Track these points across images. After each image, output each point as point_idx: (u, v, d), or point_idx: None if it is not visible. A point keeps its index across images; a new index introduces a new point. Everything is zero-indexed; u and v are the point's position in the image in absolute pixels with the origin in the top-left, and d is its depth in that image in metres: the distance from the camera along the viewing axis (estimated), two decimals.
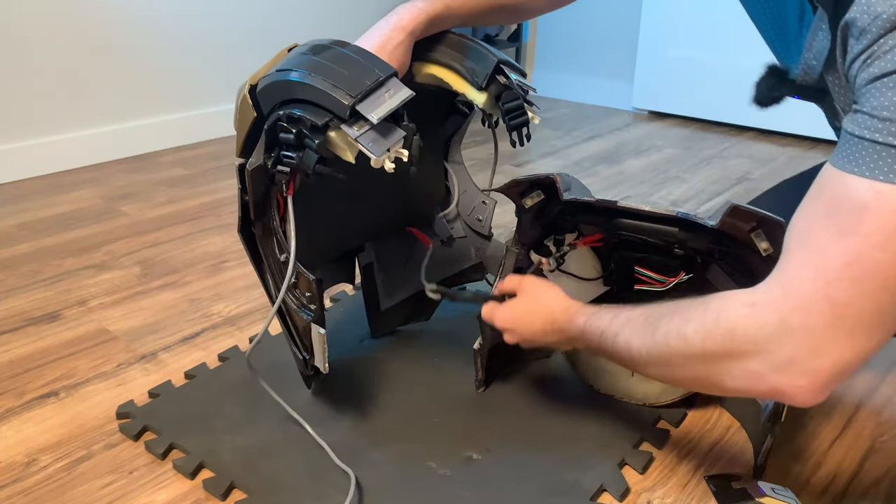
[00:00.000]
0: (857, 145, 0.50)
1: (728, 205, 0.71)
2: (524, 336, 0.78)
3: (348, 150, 0.66)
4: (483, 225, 1.06)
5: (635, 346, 0.64)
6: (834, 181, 0.51)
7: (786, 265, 0.53)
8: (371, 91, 0.65)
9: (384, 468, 0.78)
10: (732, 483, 0.75)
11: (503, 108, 0.80)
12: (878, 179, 0.48)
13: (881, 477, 0.79)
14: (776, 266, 0.55)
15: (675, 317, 0.60)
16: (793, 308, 0.51)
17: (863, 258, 0.48)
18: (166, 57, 2.01)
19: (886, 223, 0.48)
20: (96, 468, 0.79)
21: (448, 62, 0.81)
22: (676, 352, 0.60)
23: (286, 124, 0.67)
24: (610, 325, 0.68)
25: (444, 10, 0.79)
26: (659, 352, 0.61)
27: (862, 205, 0.48)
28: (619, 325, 0.67)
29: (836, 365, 0.51)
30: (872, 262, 0.48)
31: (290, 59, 0.70)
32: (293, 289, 0.78)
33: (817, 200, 0.53)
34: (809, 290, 0.51)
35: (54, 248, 1.38)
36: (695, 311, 0.59)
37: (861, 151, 0.49)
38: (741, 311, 0.54)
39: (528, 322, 0.77)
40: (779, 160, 2.01)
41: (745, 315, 0.54)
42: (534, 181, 0.83)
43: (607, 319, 0.68)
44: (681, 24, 2.37)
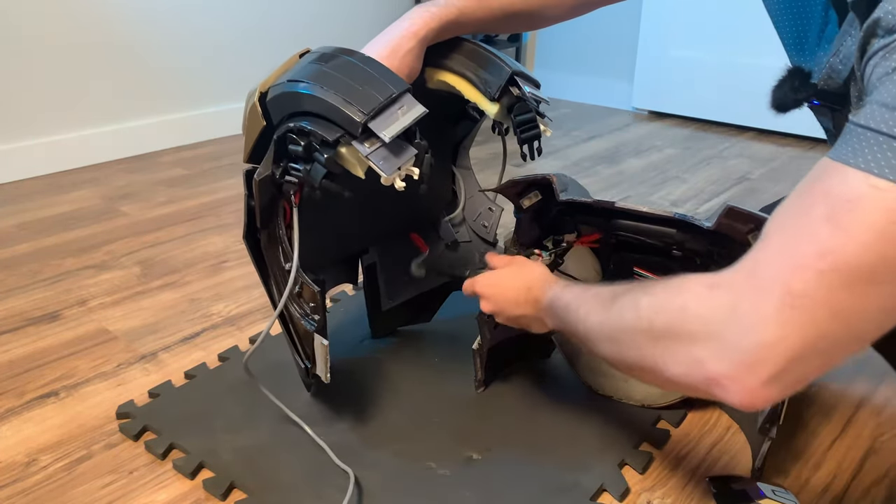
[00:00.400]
0: (861, 136, 0.46)
1: (724, 206, 0.71)
2: (499, 304, 0.78)
3: (358, 165, 0.65)
4: (488, 231, 1.06)
5: (593, 319, 0.61)
6: (829, 171, 0.47)
7: (758, 249, 0.49)
8: (384, 108, 0.64)
9: (384, 468, 0.78)
10: (732, 484, 0.75)
11: (515, 121, 0.79)
12: (876, 174, 0.44)
13: (881, 477, 0.79)
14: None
15: (635, 291, 0.58)
16: (748, 290, 0.47)
17: (838, 252, 0.44)
18: (166, 56, 2.01)
19: (876, 222, 0.43)
20: (96, 468, 0.79)
21: (461, 70, 0.81)
22: (627, 325, 0.57)
23: (296, 136, 0.66)
24: (576, 297, 0.66)
25: (458, 16, 0.78)
26: (611, 325, 0.59)
27: (854, 197, 0.44)
28: (584, 298, 0.64)
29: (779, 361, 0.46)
30: (848, 259, 0.44)
31: (302, 69, 0.68)
32: (297, 297, 0.78)
33: (807, 188, 0.49)
34: (770, 275, 0.46)
35: (54, 248, 1.38)
36: (657, 286, 0.56)
37: (863, 142, 0.46)
38: (699, 290, 0.51)
39: (505, 289, 0.77)
40: (779, 160, 2.01)
41: (702, 294, 0.50)
42: (531, 181, 0.83)
43: (576, 292, 0.67)
44: (681, 24, 2.37)
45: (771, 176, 1.87)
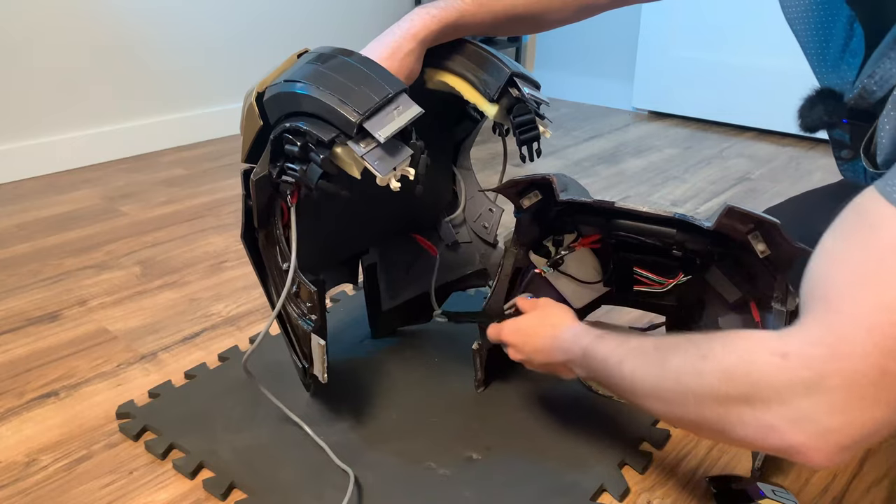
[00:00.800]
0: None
1: (724, 206, 0.71)
2: (527, 353, 0.77)
3: (354, 165, 0.65)
4: (489, 232, 1.06)
5: (640, 376, 0.60)
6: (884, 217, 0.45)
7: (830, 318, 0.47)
8: (379, 108, 0.64)
9: (384, 468, 0.78)
10: (732, 484, 0.75)
11: (514, 122, 0.79)
12: None
13: (881, 477, 0.79)
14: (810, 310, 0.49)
15: (690, 351, 0.55)
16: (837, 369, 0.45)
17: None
18: (166, 56, 2.01)
19: None
20: (96, 468, 0.79)
21: (461, 71, 0.81)
22: (687, 388, 0.54)
23: (292, 136, 0.66)
24: (615, 350, 0.64)
25: (458, 18, 0.77)
26: (667, 386, 0.57)
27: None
28: (624, 351, 0.63)
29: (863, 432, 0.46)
30: None
31: (299, 69, 0.68)
32: (294, 297, 0.77)
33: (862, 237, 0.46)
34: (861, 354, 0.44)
35: (54, 248, 1.38)
36: (713, 347, 0.53)
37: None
38: (769, 360, 0.49)
39: (533, 337, 0.77)
40: (779, 160, 2.01)
41: (775, 365, 0.48)
42: (531, 181, 0.83)
43: (613, 345, 0.65)
44: (681, 24, 2.37)
45: (771, 176, 1.87)
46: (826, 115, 0.78)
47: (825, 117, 0.78)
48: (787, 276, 0.74)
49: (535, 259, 0.91)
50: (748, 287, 0.79)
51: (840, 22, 0.79)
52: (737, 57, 2.28)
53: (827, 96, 0.79)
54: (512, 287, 0.91)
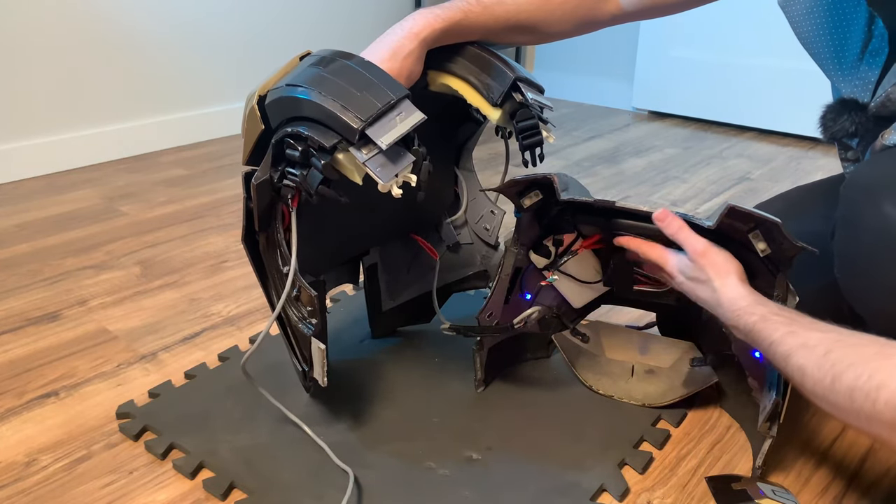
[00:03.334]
0: None
1: (725, 205, 0.71)
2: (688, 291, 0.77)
3: (356, 172, 0.65)
4: (490, 234, 1.06)
5: (810, 378, 0.60)
6: None
7: None
8: (382, 114, 0.63)
9: (384, 468, 0.78)
10: (732, 484, 0.75)
11: (517, 127, 0.79)
12: None
13: (881, 477, 0.79)
14: None
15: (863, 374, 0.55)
16: None
17: None
18: (166, 57, 2.01)
19: None
20: (96, 468, 0.79)
21: (464, 75, 0.80)
22: (860, 410, 0.55)
23: (293, 141, 0.65)
24: (783, 340, 0.64)
25: (462, 20, 0.77)
26: (838, 401, 0.57)
27: None
28: (792, 345, 0.63)
29: None
30: None
31: (301, 73, 0.68)
32: (294, 301, 0.77)
33: None
34: None
35: (54, 248, 1.38)
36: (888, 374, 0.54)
37: None
38: None
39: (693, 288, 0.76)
40: (779, 160, 2.01)
41: None
42: (531, 181, 0.83)
43: (781, 332, 0.65)
44: (681, 24, 2.37)
45: (771, 176, 1.87)
46: (852, 127, 0.77)
47: (850, 128, 0.78)
48: (787, 274, 0.74)
49: (536, 259, 0.91)
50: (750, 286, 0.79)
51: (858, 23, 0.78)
52: (737, 57, 2.28)
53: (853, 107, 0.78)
54: (512, 287, 0.91)
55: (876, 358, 0.55)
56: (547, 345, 0.98)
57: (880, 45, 0.76)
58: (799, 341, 0.62)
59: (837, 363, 0.58)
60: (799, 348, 0.62)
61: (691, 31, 2.36)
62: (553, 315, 0.96)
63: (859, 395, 0.55)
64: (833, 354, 0.59)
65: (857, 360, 0.56)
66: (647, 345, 0.95)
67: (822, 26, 0.82)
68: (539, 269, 0.92)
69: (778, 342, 0.64)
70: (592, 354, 0.95)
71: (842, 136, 0.80)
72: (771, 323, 0.66)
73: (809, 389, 0.61)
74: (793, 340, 0.63)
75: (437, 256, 1.01)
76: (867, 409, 0.54)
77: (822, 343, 0.60)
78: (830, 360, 0.58)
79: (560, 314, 0.95)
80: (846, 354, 0.58)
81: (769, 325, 0.66)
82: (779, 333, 0.64)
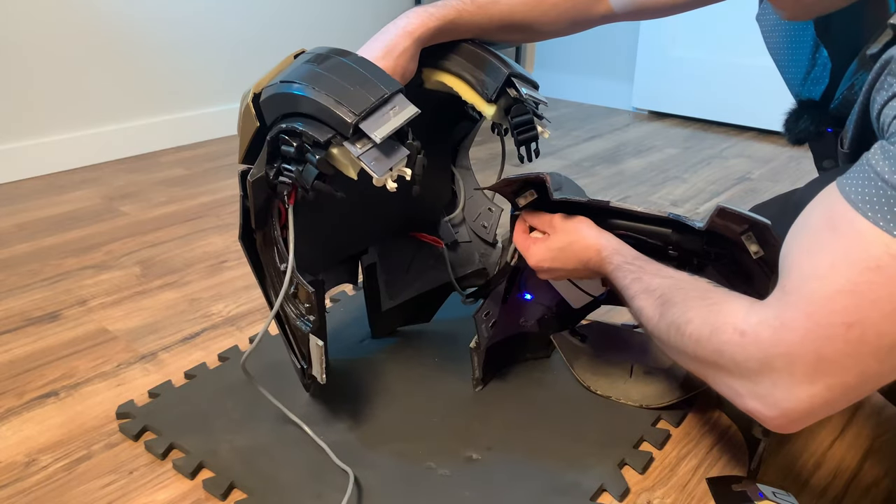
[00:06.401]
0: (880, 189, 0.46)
1: (716, 207, 0.71)
2: (559, 273, 0.80)
3: (350, 166, 0.65)
4: (488, 231, 1.06)
5: (645, 319, 0.67)
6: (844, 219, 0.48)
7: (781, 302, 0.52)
8: (375, 108, 0.64)
9: (384, 468, 0.78)
10: (733, 485, 0.75)
11: (512, 123, 0.79)
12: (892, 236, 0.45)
13: (881, 477, 0.79)
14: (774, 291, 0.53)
15: (681, 308, 0.62)
16: (780, 353, 0.51)
17: (865, 323, 0.46)
18: (166, 57, 2.01)
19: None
20: (96, 468, 0.79)
21: (458, 71, 0.81)
22: (674, 345, 0.63)
23: (288, 137, 0.66)
24: (630, 286, 0.71)
25: (456, 18, 0.78)
26: (660, 336, 0.65)
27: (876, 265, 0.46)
28: (636, 290, 0.70)
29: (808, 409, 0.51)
30: (874, 330, 0.46)
31: (295, 70, 0.68)
32: (292, 298, 0.77)
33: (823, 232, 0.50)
34: (799, 340, 0.49)
35: (54, 248, 1.38)
36: (697, 312, 0.60)
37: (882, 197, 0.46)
38: (731, 337, 0.55)
39: (564, 260, 0.79)
40: (779, 160, 2.01)
41: (734, 342, 0.54)
42: (525, 180, 0.83)
43: (629, 279, 0.71)
44: (681, 24, 2.37)
45: (771, 176, 1.87)
46: (812, 126, 0.80)
47: (811, 127, 0.80)
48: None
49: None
50: (745, 287, 0.79)
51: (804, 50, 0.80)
52: (737, 57, 2.28)
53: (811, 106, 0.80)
54: (510, 286, 0.91)
55: (694, 299, 0.62)
56: (546, 345, 0.98)
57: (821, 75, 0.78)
58: (642, 286, 0.69)
59: (666, 303, 0.64)
60: (641, 292, 0.69)
61: (691, 31, 2.36)
62: (552, 315, 0.96)
63: (673, 330, 0.62)
64: (665, 296, 0.65)
65: (680, 300, 0.63)
66: (646, 345, 0.95)
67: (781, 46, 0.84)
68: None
69: (626, 287, 0.71)
70: (591, 355, 0.95)
71: (804, 137, 0.82)
72: (622, 270, 0.73)
73: (646, 328, 0.68)
74: (637, 286, 0.70)
75: (441, 245, 1.01)
76: (677, 343, 0.61)
77: (660, 287, 0.67)
78: (661, 301, 0.65)
79: (559, 314, 0.95)
80: (674, 295, 0.64)
81: (621, 273, 0.73)
82: (627, 280, 0.72)
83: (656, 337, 0.66)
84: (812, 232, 0.52)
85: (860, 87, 0.70)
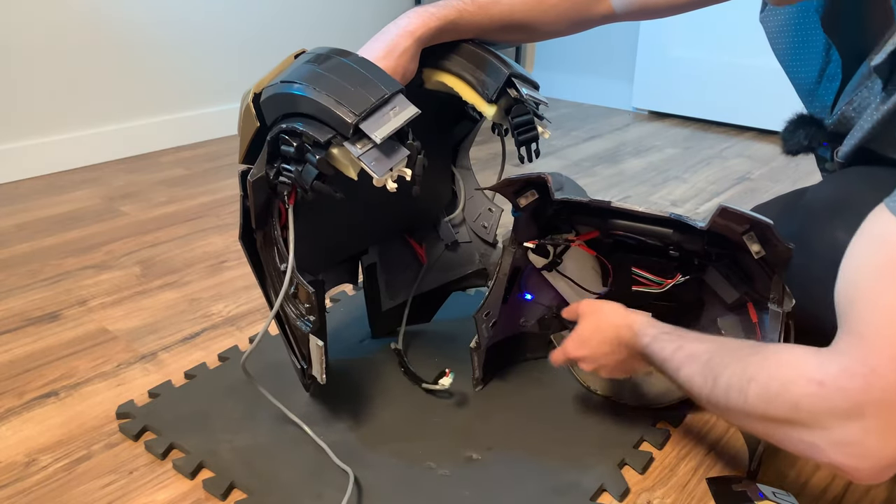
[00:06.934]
0: None
1: (718, 207, 0.71)
2: (599, 359, 0.77)
3: (351, 166, 0.65)
4: (488, 232, 1.06)
5: (696, 386, 0.64)
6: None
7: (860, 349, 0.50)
8: (376, 109, 0.64)
9: (384, 468, 0.78)
10: (733, 486, 0.75)
11: (512, 123, 0.79)
12: None
13: None
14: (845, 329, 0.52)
15: (737, 372, 0.58)
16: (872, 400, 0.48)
17: None
18: (166, 57, 2.01)
19: None
20: (96, 468, 0.79)
21: (459, 72, 0.81)
22: (735, 408, 0.58)
23: (288, 137, 0.66)
24: (673, 356, 0.67)
25: (457, 18, 0.78)
26: (718, 402, 0.61)
27: None
28: (681, 359, 0.66)
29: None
30: None
31: (295, 70, 0.68)
32: (292, 298, 0.77)
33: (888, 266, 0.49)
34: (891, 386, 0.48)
35: (54, 248, 1.38)
36: (757, 369, 0.57)
37: None
38: (808, 389, 0.52)
39: (598, 344, 0.77)
40: (779, 160, 2.01)
41: (813, 394, 0.51)
42: (525, 180, 0.83)
43: (670, 350, 0.68)
44: (681, 24, 2.37)
45: (771, 176, 1.87)
46: (805, 140, 0.81)
47: (804, 142, 0.81)
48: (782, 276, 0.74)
49: (534, 258, 0.91)
50: (746, 288, 0.79)
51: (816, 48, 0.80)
52: (737, 57, 2.28)
53: (808, 122, 0.81)
54: (510, 286, 0.91)
55: (748, 357, 0.59)
56: (546, 345, 0.98)
57: (835, 72, 0.78)
58: (686, 354, 0.66)
59: (716, 367, 0.61)
60: (686, 360, 0.65)
61: (691, 31, 2.36)
62: (552, 315, 0.96)
63: (734, 392, 0.58)
64: (713, 360, 0.62)
65: (731, 361, 0.60)
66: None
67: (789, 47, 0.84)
68: (538, 269, 0.92)
69: (668, 359, 0.68)
70: None
71: (797, 150, 0.83)
72: (660, 342, 0.70)
73: (698, 397, 0.64)
74: (681, 354, 0.66)
75: (424, 262, 1.01)
76: (741, 405, 0.58)
77: (705, 352, 0.64)
78: (710, 366, 0.62)
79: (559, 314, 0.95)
80: (723, 358, 0.61)
81: (659, 344, 0.70)
82: (668, 350, 0.68)
83: (713, 405, 0.62)
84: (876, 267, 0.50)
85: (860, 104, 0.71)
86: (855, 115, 0.71)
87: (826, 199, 0.74)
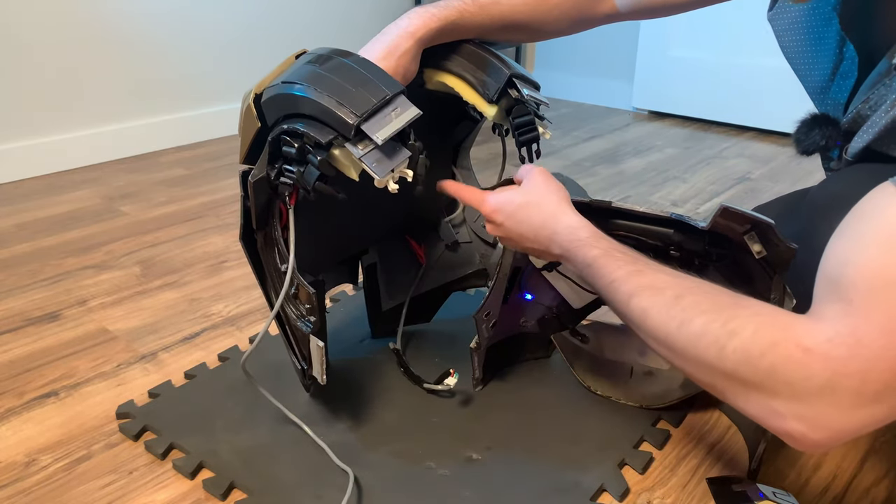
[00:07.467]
0: None
1: (719, 206, 0.71)
2: (510, 234, 0.74)
3: (352, 167, 0.65)
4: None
5: (653, 320, 0.58)
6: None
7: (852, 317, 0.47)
8: (377, 110, 0.64)
9: (383, 468, 0.78)
10: (733, 486, 0.75)
11: (513, 123, 0.79)
12: None
13: (881, 477, 0.79)
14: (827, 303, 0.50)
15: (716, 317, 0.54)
16: (851, 372, 0.47)
17: None
18: (166, 57, 2.01)
19: None
20: (96, 468, 0.79)
21: (460, 72, 0.81)
22: (704, 356, 0.54)
23: (289, 138, 0.66)
24: (627, 280, 0.61)
25: (458, 18, 0.78)
26: (678, 345, 0.56)
27: None
28: (636, 286, 0.60)
29: (859, 429, 0.48)
30: None
31: (296, 71, 0.68)
32: (293, 299, 0.77)
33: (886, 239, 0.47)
34: (875, 357, 0.46)
35: (54, 248, 1.38)
36: (743, 323, 0.52)
37: None
38: (793, 353, 0.49)
39: (522, 219, 0.72)
40: (779, 160, 2.01)
41: (797, 360, 0.49)
42: None
43: (624, 272, 0.62)
44: (681, 24, 2.37)
45: (771, 176, 1.87)
46: (822, 140, 0.79)
47: (821, 142, 0.80)
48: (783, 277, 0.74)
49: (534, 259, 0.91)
50: (746, 288, 0.79)
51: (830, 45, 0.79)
52: (736, 57, 2.28)
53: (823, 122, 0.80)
54: (511, 286, 0.91)
55: (732, 307, 0.54)
56: (546, 345, 0.98)
57: (850, 69, 0.77)
58: (646, 281, 0.60)
59: (689, 308, 0.56)
60: (645, 289, 0.59)
61: (691, 31, 2.36)
62: (552, 315, 0.96)
63: (707, 340, 0.53)
64: (686, 300, 0.57)
65: (711, 308, 0.55)
66: (647, 346, 0.95)
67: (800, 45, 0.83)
68: (539, 269, 0.92)
69: (621, 280, 0.61)
70: (591, 355, 0.95)
71: (813, 150, 0.82)
72: (614, 259, 0.63)
73: (650, 331, 0.59)
74: (638, 280, 0.60)
75: (423, 262, 1.01)
76: (711, 356, 0.53)
77: (672, 287, 0.58)
78: (681, 305, 0.56)
79: (559, 314, 0.95)
80: (700, 301, 0.56)
81: (612, 262, 0.63)
82: (622, 271, 0.62)
83: (668, 346, 0.57)
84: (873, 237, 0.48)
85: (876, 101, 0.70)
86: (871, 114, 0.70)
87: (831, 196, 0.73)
